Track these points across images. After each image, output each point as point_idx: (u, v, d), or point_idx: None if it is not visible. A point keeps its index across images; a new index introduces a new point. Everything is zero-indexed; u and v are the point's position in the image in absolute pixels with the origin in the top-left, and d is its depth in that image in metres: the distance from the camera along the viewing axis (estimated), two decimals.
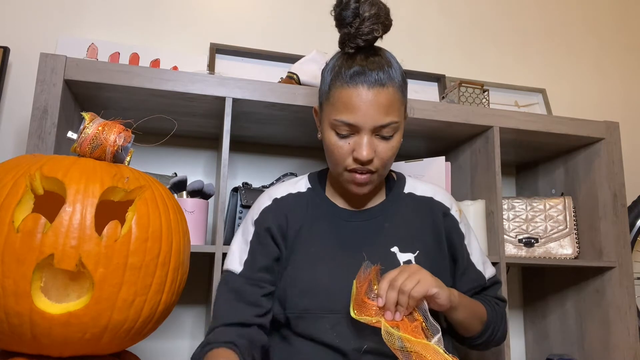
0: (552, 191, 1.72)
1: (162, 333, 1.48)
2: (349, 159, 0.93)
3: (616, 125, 1.56)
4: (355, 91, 0.90)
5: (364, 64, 0.91)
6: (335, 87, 0.92)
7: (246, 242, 1.01)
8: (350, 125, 0.91)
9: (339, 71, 0.93)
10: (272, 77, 1.60)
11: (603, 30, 2.21)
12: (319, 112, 1.01)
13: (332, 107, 0.93)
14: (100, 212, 0.77)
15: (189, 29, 1.67)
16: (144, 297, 0.78)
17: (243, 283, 0.97)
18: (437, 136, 1.53)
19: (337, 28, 0.97)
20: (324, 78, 0.98)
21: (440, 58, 1.93)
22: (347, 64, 0.92)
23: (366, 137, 0.91)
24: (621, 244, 1.49)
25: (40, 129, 1.09)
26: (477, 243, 1.09)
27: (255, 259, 0.99)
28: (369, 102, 0.89)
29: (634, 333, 1.44)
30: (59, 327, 0.72)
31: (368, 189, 0.98)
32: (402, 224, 1.02)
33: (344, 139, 0.93)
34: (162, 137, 1.20)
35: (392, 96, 0.91)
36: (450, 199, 1.09)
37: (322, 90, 0.98)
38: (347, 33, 0.93)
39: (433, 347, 0.77)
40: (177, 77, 1.20)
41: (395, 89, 0.92)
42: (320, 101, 0.99)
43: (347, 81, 0.90)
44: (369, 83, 0.90)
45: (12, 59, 1.48)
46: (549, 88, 2.02)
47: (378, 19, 0.92)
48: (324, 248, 0.98)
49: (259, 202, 1.06)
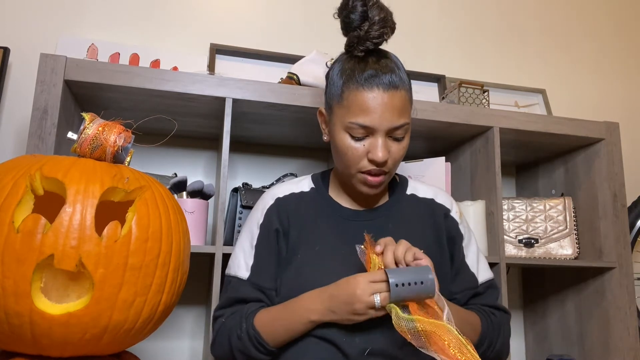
0: (552, 191, 1.72)
1: (162, 333, 1.48)
2: (364, 161, 0.94)
3: (616, 126, 1.56)
4: (371, 94, 0.91)
5: (377, 67, 0.93)
6: (350, 90, 0.93)
7: (251, 246, 1.01)
8: (365, 128, 0.92)
9: (352, 74, 0.93)
10: (272, 77, 1.60)
11: (603, 31, 2.21)
12: (327, 114, 1.01)
13: (347, 110, 0.93)
14: (100, 212, 0.77)
15: (189, 29, 1.67)
16: (144, 298, 0.78)
17: (251, 290, 0.97)
18: (437, 136, 1.53)
19: (343, 31, 0.98)
20: (333, 81, 0.98)
21: (441, 58, 1.93)
22: (360, 67, 0.93)
23: (381, 138, 0.92)
24: (621, 245, 1.49)
25: (40, 130, 1.09)
26: (476, 247, 1.08)
27: (262, 265, 0.99)
28: (385, 105, 0.91)
29: (634, 333, 1.44)
30: (59, 328, 0.72)
31: (380, 189, 0.99)
32: (405, 224, 1.03)
33: (358, 141, 0.94)
34: (162, 137, 1.20)
35: (404, 98, 0.93)
36: (451, 201, 1.09)
37: (333, 93, 0.98)
38: (357, 36, 0.94)
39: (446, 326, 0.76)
40: (177, 78, 1.20)
41: (406, 91, 0.94)
42: (329, 103, 0.99)
43: (363, 84, 0.91)
44: (384, 86, 0.91)
45: (12, 59, 1.48)
46: (549, 88, 2.02)
47: (386, 23, 0.94)
48: (329, 247, 0.99)
49: (262, 203, 1.06)
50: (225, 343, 0.95)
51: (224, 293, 1.01)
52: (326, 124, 1.02)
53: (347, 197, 1.06)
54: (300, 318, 0.90)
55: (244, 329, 0.92)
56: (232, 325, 0.94)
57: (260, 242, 1.01)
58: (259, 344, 0.91)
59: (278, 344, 0.92)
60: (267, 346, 0.91)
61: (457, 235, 1.05)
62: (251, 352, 0.92)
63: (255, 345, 0.91)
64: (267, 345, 0.91)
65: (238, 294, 0.98)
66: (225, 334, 0.95)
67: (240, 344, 0.92)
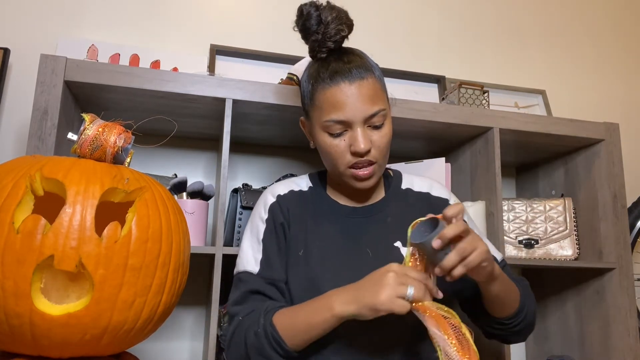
0: (552, 192, 1.72)
1: (162, 334, 1.48)
2: (348, 156, 0.95)
3: (616, 127, 1.56)
4: (338, 88, 0.93)
5: (339, 63, 0.95)
6: (318, 91, 0.95)
7: (258, 241, 1.01)
8: (341, 122, 0.93)
9: (317, 75, 0.96)
10: (272, 78, 1.60)
11: (603, 32, 2.21)
12: (307, 121, 1.03)
13: (320, 110, 0.95)
14: (100, 213, 0.77)
15: (189, 30, 1.67)
16: (144, 298, 0.78)
17: (263, 283, 0.97)
18: (437, 137, 1.53)
19: (303, 40, 1.00)
20: (303, 88, 1.01)
21: (440, 59, 1.93)
22: (324, 67, 0.96)
23: (360, 129, 0.93)
24: (621, 245, 1.49)
25: (40, 130, 1.09)
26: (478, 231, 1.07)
27: (272, 257, 0.99)
28: (354, 96, 0.92)
29: (634, 334, 1.44)
30: (58, 328, 0.72)
31: (372, 181, 0.99)
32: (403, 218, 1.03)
33: (338, 138, 0.95)
34: (162, 138, 1.20)
35: (373, 86, 0.95)
36: (447, 191, 1.10)
37: (305, 100, 1.01)
38: (315, 40, 0.96)
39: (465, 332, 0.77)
40: (177, 78, 1.20)
41: (375, 78, 0.96)
42: (305, 110, 1.02)
43: (328, 82, 0.94)
44: (350, 78, 0.93)
45: (12, 60, 1.48)
46: (548, 89, 2.02)
47: (341, 20, 0.96)
48: (329, 245, 1.00)
49: (263, 200, 1.06)
50: (242, 342, 0.91)
51: (234, 290, 0.99)
52: (309, 132, 1.04)
53: (345, 195, 1.07)
54: (322, 310, 0.86)
55: (261, 324, 0.89)
56: (249, 323, 0.91)
57: (267, 235, 1.01)
58: (275, 342, 0.87)
59: (297, 346, 0.88)
60: (284, 346, 0.87)
61: None
62: (266, 351, 0.88)
63: (271, 343, 0.87)
64: (284, 344, 0.87)
65: (252, 286, 0.96)
66: (242, 332, 0.91)
67: (257, 341, 0.88)
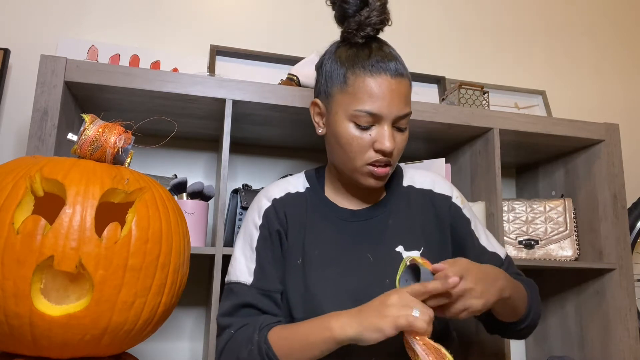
0: (552, 193, 1.72)
1: (162, 335, 1.48)
2: (370, 152, 0.91)
3: (616, 127, 1.56)
4: (379, 80, 0.88)
5: (381, 53, 0.90)
6: (356, 76, 0.89)
7: (252, 249, 0.97)
8: (373, 115, 0.88)
9: (356, 60, 0.90)
10: (272, 79, 1.60)
11: (603, 32, 2.21)
12: (325, 104, 0.96)
13: (353, 97, 0.89)
14: (100, 213, 0.77)
15: (189, 30, 1.67)
16: (144, 299, 0.78)
17: (257, 295, 0.92)
18: (437, 138, 1.53)
19: (338, 19, 0.95)
20: (332, 69, 0.94)
21: (440, 60, 1.93)
22: (364, 53, 0.90)
23: (388, 127, 0.89)
24: (621, 246, 1.49)
25: (40, 131, 1.09)
26: (481, 225, 1.06)
27: (266, 267, 0.94)
28: (393, 92, 0.88)
29: (634, 335, 1.44)
30: (58, 329, 0.72)
31: (384, 182, 0.96)
32: (405, 219, 1.00)
33: (364, 131, 0.90)
34: (162, 138, 1.20)
35: (408, 87, 0.92)
36: (450, 187, 1.06)
37: (331, 82, 0.93)
38: (357, 21, 0.91)
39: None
40: (177, 79, 1.20)
41: (409, 80, 0.93)
42: (329, 92, 0.94)
43: (370, 70, 0.88)
44: (392, 72, 0.89)
45: (12, 61, 1.48)
46: (548, 90, 2.02)
47: (384, 9, 0.92)
48: (328, 251, 0.95)
49: (258, 204, 1.01)
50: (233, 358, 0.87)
51: (225, 300, 0.95)
52: (321, 116, 0.97)
53: (344, 196, 1.02)
54: (320, 329, 0.81)
55: (255, 341, 0.84)
56: (242, 338, 0.87)
57: (261, 243, 0.96)
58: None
59: None
60: None
61: (464, 220, 1.03)
62: None
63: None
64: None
65: (244, 299, 0.92)
66: (235, 347, 0.87)
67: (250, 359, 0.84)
